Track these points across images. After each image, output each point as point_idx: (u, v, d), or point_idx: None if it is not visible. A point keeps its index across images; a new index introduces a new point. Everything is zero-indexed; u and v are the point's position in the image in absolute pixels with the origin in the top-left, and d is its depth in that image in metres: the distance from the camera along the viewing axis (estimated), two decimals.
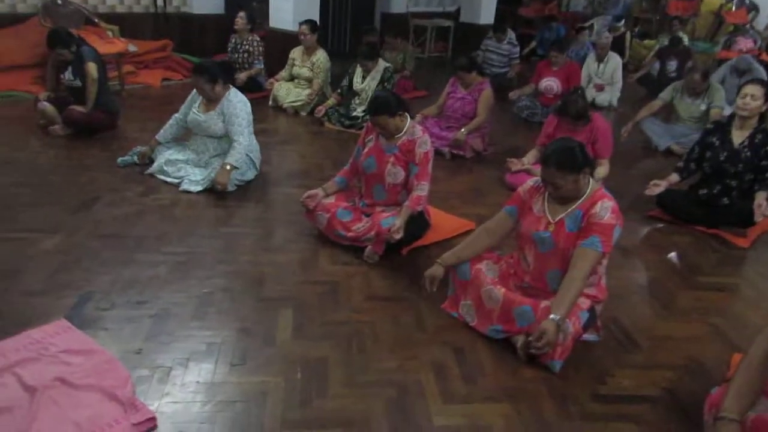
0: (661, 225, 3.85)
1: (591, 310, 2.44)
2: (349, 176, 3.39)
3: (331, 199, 3.29)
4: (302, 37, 5.76)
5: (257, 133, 5.05)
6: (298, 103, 5.83)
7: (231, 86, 3.86)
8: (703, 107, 5.35)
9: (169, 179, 3.86)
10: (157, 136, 4.04)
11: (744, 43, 9.71)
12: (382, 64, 5.40)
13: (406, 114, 3.16)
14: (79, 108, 4.48)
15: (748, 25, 10.12)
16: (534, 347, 2.20)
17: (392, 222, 3.01)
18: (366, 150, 3.27)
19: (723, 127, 3.80)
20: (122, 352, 2.24)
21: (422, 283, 2.62)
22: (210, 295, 2.67)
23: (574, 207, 2.42)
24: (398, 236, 2.96)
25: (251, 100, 5.68)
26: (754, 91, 3.60)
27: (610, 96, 7.14)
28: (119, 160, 4.08)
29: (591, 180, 2.46)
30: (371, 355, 2.35)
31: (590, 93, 7.08)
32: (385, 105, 3.05)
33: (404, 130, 3.16)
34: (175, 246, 3.09)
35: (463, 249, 2.65)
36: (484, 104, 4.84)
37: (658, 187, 3.83)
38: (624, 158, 5.33)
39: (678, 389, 2.27)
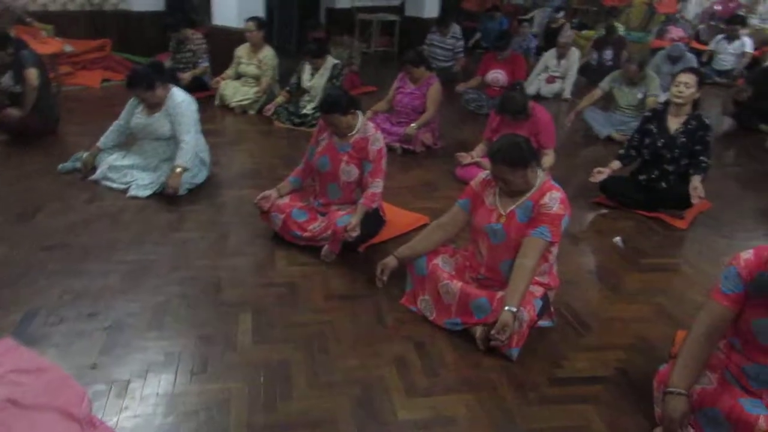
0: (605, 211, 4.01)
1: (544, 297, 2.52)
2: (303, 176, 3.38)
3: (286, 200, 3.27)
4: (248, 34, 5.68)
5: (205, 134, 4.94)
6: (246, 102, 5.76)
7: (171, 85, 3.75)
8: (640, 96, 5.57)
9: (114, 185, 3.76)
10: (98, 143, 3.91)
11: (675, 32, 10.17)
12: (330, 60, 5.38)
13: (358, 112, 3.18)
14: (14, 112, 4.29)
15: (678, 15, 10.59)
16: (496, 339, 2.26)
17: (348, 220, 3.02)
18: (319, 149, 3.26)
19: (660, 114, 3.97)
20: (76, 368, 2.17)
21: (376, 273, 2.65)
22: (166, 303, 2.62)
23: (524, 198, 2.49)
24: (354, 234, 2.98)
25: (197, 101, 5.58)
26: (688, 80, 3.77)
27: (559, 87, 7.32)
28: (60, 166, 3.94)
29: (540, 171, 2.54)
30: (334, 355, 2.36)
31: (536, 85, 7.27)
32: (337, 103, 3.05)
33: (356, 128, 3.17)
34: (125, 254, 3.02)
35: (418, 243, 2.69)
36: (433, 99, 4.90)
37: (601, 174, 3.97)
38: (568, 147, 5.51)
39: (629, 368, 2.38)
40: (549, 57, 7.41)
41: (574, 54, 7.38)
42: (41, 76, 4.32)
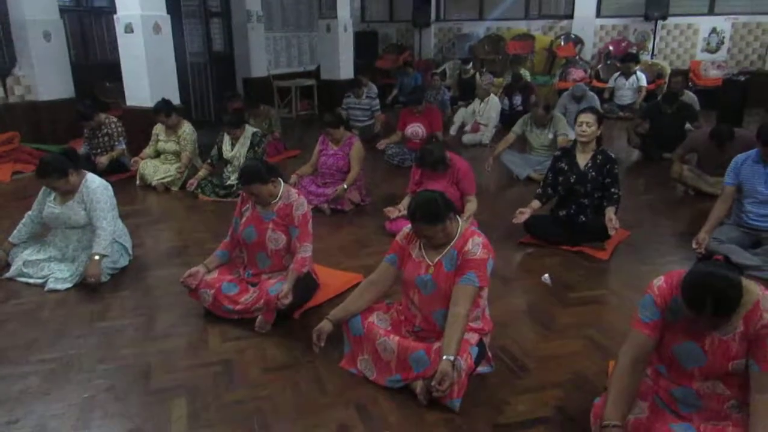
0: (532, 250, 4.14)
1: (480, 343, 2.55)
2: (231, 248, 3.34)
3: (214, 274, 3.21)
4: (161, 122, 5.68)
5: (128, 215, 4.86)
6: (168, 179, 5.68)
7: (84, 171, 3.67)
8: (550, 136, 5.88)
9: (31, 281, 3.57)
10: (10, 238, 3.73)
11: (576, 73, 10.88)
12: (249, 129, 5.42)
13: (279, 179, 3.20)
14: None
15: (577, 57, 11.35)
16: (437, 390, 2.26)
17: (280, 288, 2.99)
18: (244, 220, 3.24)
19: (569, 152, 4.20)
20: None
21: (313, 339, 2.62)
22: (92, 399, 2.48)
23: (448, 248, 2.55)
24: (287, 301, 2.94)
25: (117, 182, 5.46)
26: (588, 119, 4.02)
27: (481, 136, 7.64)
28: None
29: (460, 220, 2.62)
30: (274, 431, 2.29)
31: (464, 135, 7.62)
32: (256, 173, 3.06)
33: (279, 195, 3.18)
34: (45, 352, 2.85)
35: (351, 303, 2.69)
36: (356, 158, 5.00)
37: (523, 215, 4.12)
38: (491, 191, 5.72)
39: (568, 405, 2.42)
40: (475, 105, 7.77)
41: (493, 100, 7.77)
42: None
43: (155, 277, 3.76)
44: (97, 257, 3.50)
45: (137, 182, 5.79)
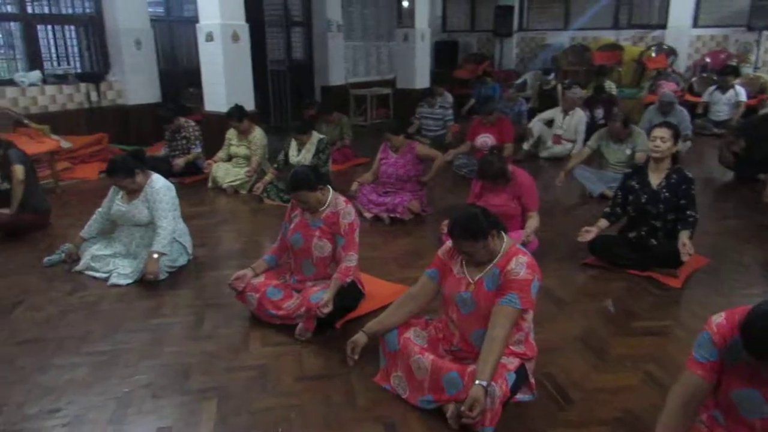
0: (595, 272, 3.89)
1: (520, 369, 2.40)
2: (279, 253, 3.36)
3: (261, 278, 3.23)
4: (233, 127, 5.86)
5: (195, 216, 5.03)
6: (237, 182, 5.84)
7: (151, 172, 3.82)
8: (628, 152, 5.56)
9: (97, 275, 3.76)
10: (81, 233, 3.95)
11: (667, 86, 10.24)
12: (315, 136, 5.47)
13: (328, 187, 3.18)
14: (3, 211, 4.37)
15: (669, 69, 10.72)
16: (467, 417, 2.14)
17: (321, 296, 2.96)
18: (292, 226, 3.25)
19: (641, 169, 3.93)
20: None
21: (347, 351, 2.56)
22: (130, 395, 2.54)
23: (490, 266, 2.43)
24: (327, 310, 2.91)
25: (191, 183, 5.69)
26: (663, 134, 3.74)
27: (563, 149, 7.32)
28: (45, 260, 3.95)
29: (505, 237, 2.48)
30: None
31: (538, 127, 7.34)
32: (305, 180, 3.05)
33: (327, 203, 3.16)
34: (98, 344, 2.97)
35: (388, 316, 2.61)
36: (427, 151, 5.10)
37: (589, 234, 3.89)
38: (560, 207, 5.47)
39: None
40: (556, 111, 7.46)
41: (578, 113, 7.40)
42: (27, 172, 4.42)
43: (211, 277, 3.84)
44: (155, 255, 3.62)
45: (209, 184, 6.00)
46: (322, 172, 3.23)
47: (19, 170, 4.35)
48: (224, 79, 6.44)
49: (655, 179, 3.81)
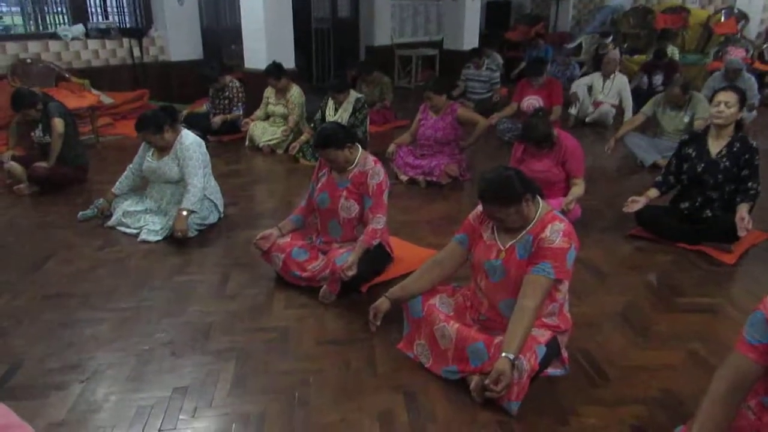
0: (641, 244, 3.65)
1: (551, 342, 2.24)
2: (306, 213, 3.26)
3: (287, 239, 3.15)
4: (270, 85, 5.75)
5: (229, 174, 4.99)
6: (274, 141, 5.76)
7: (182, 128, 3.75)
8: (686, 119, 5.19)
9: (128, 230, 3.75)
10: (113, 189, 3.94)
11: (735, 53, 9.53)
12: (353, 95, 5.30)
13: (357, 145, 3.04)
14: (42, 164, 4.41)
15: (738, 35, 10.00)
16: (492, 391, 2.01)
17: (346, 258, 2.85)
18: (319, 185, 3.14)
19: (699, 137, 3.64)
20: (45, 426, 2.07)
21: (369, 317, 2.45)
22: (150, 352, 2.51)
23: (523, 233, 2.25)
24: (351, 273, 2.81)
25: (229, 142, 5.63)
26: (728, 98, 3.43)
27: (602, 112, 6.96)
28: (80, 214, 3.97)
29: (541, 202, 2.30)
30: (313, 408, 2.17)
31: (585, 109, 6.97)
32: (332, 138, 2.92)
33: (355, 162, 3.02)
34: (122, 301, 2.95)
35: (412, 282, 2.48)
36: (469, 114, 4.89)
37: (636, 204, 3.64)
38: (609, 175, 5.19)
39: (648, 426, 2.06)
40: (595, 77, 7.07)
41: (621, 77, 6.98)
42: (67, 126, 4.43)
43: (240, 236, 3.78)
44: (185, 213, 3.58)
45: (246, 143, 5.93)
46: (356, 132, 3.07)
47: (59, 123, 4.36)
48: (265, 36, 6.30)
49: (715, 147, 3.51)
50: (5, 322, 2.75)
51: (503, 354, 2.04)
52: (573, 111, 6.99)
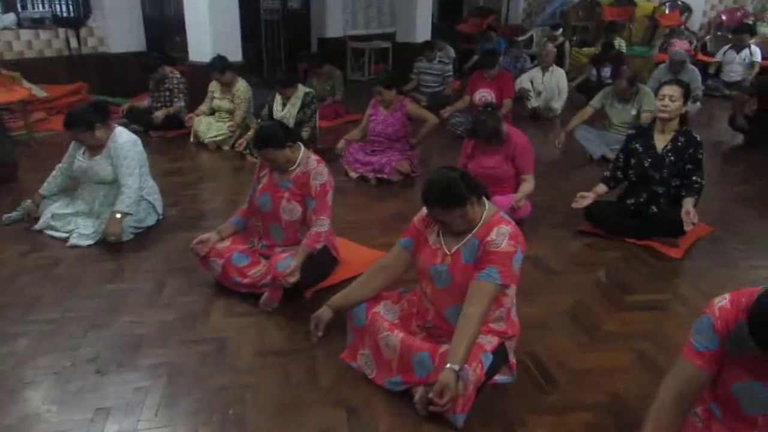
0: (590, 240, 3.63)
1: (498, 349, 2.17)
2: (247, 215, 3.10)
3: (227, 243, 2.98)
4: (215, 79, 5.52)
5: (173, 172, 4.77)
6: (220, 137, 5.54)
7: (114, 125, 3.53)
8: (633, 112, 5.23)
9: (57, 234, 3.51)
10: (40, 190, 3.68)
11: (680, 45, 9.74)
12: (301, 89, 5.13)
13: (298, 144, 2.89)
14: None
15: (682, 27, 10.22)
16: (436, 404, 1.92)
17: (288, 264, 2.71)
18: (260, 187, 2.98)
19: (646, 131, 3.63)
20: None
21: (310, 327, 2.33)
22: (71, 370, 2.32)
23: (468, 236, 2.16)
24: (293, 279, 2.67)
25: (173, 138, 5.38)
26: (673, 92, 3.42)
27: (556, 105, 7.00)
28: (4, 217, 3.70)
29: (487, 203, 2.21)
30: (249, 428, 2.03)
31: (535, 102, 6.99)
32: (271, 137, 2.77)
33: (297, 162, 2.88)
34: (45, 312, 2.73)
35: (354, 290, 2.37)
36: (419, 111, 4.77)
37: (585, 200, 3.61)
38: (558, 169, 5.18)
39: None
40: (534, 72, 7.11)
41: (558, 71, 7.04)
42: None
43: (180, 239, 3.57)
44: (118, 215, 3.37)
45: (191, 139, 5.70)
46: (299, 131, 2.93)
47: None
48: (209, 28, 6.05)
49: (661, 142, 3.51)
50: None
51: (448, 365, 1.96)
52: (534, 104, 6.97)
